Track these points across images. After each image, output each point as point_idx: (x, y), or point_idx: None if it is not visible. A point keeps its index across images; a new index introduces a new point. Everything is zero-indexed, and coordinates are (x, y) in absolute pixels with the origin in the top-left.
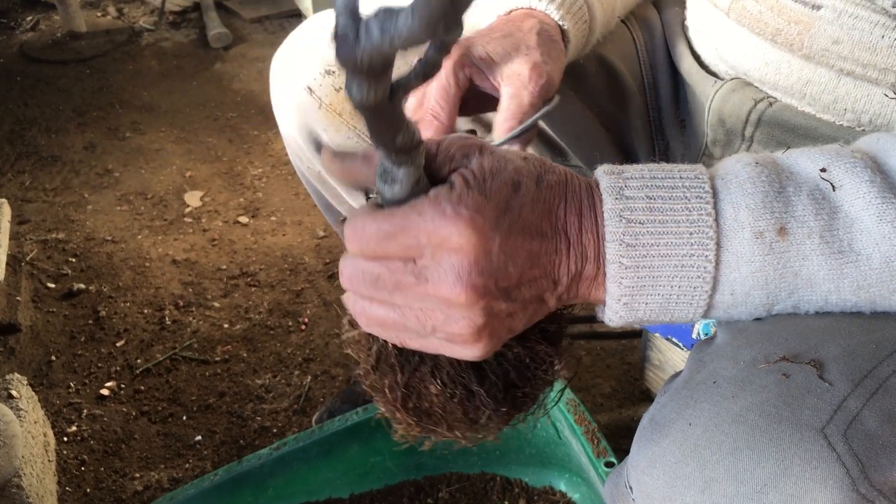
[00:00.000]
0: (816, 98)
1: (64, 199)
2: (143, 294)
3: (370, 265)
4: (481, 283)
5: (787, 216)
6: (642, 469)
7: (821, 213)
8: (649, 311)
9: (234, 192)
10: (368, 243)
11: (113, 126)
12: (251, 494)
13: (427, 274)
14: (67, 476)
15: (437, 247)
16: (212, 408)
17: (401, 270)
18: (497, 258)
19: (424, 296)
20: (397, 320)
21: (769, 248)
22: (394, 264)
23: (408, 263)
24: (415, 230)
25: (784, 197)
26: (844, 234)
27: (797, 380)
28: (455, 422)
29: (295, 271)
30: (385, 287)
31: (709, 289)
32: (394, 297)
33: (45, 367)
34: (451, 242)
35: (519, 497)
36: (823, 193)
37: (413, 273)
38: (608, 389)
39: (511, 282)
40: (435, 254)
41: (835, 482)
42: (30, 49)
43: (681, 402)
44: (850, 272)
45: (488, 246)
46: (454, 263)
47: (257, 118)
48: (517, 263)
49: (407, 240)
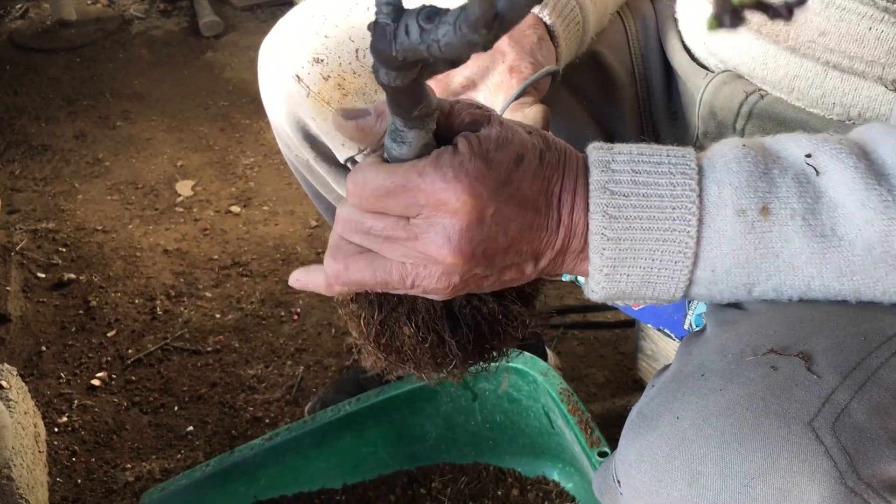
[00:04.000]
0: (805, 92)
1: (54, 189)
2: (135, 284)
3: (366, 216)
4: (469, 250)
5: (770, 196)
6: (630, 463)
7: (804, 196)
8: (631, 283)
9: (225, 182)
10: (368, 197)
11: (103, 115)
12: (243, 485)
13: (418, 232)
14: (58, 467)
15: (434, 208)
16: (203, 398)
17: (393, 226)
18: (489, 227)
19: (412, 251)
20: (377, 270)
21: (751, 226)
22: (388, 219)
23: (401, 220)
24: (414, 190)
25: (769, 178)
26: (827, 219)
27: (785, 372)
28: (422, 363)
29: (287, 261)
30: (375, 238)
31: (689, 264)
32: (381, 248)
33: (36, 358)
34: (447, 206)
35: (512, 487)
36: (808, 177)
37: (405, 229)
38: (601, 379)
39: (497, 250)
40: (430, 214)
41: (823, 475)
42: (19, 37)
43: (669, 395)
44: (833, 257)
45: (483, 214)
46: (446, 226)
47: (249, 107)
48: (507, 234)
49: (406, 199)
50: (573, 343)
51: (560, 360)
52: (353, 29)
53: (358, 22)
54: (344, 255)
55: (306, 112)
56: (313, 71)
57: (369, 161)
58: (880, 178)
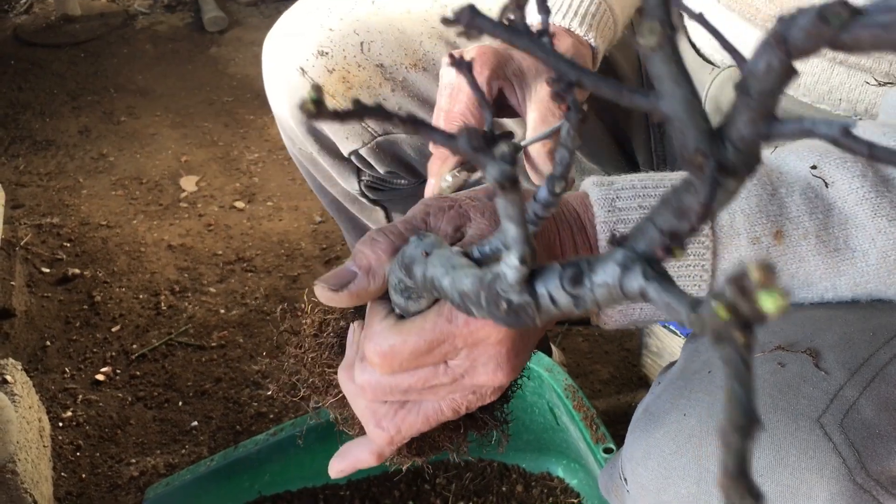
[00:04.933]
0: (811, 88)
1: (58, 184)
2: (139, 279)
3: (398, 378)
4: (517, 361)
5: (782, 218)
6: (637, 461)
7: (815, 213)
8: (644, 315)
9: (230, 177)
10: (402, 364)
11: (108, 110)
12: (248, 480)
13: (462, 371)
14: (62, 462)
15: (474, 346)
16: (208, 393)
17: (433, 376)
18: (526, 331)
19: (458, 387)
20: (430, 418)
21: (766, 252)
22: (424, 371)
23: (440, 366)
24: (451, 339)
25: (777, 199)
26: (840, 232)
27: (793, 369)
28: (460, 445)
29: (291, 257)
30: (415, 392)
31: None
32: (424, 396)
33: (40, 353)
34: (489, 340)
35: (516, 483)
36: (816, 191)
37: (446, 374)
38: (606, 375)
39: (534, 339)
40: (471, 352)
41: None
42: (23, 33)
43: (675, 392)
44: (847, 269)
45: None
46: (492, 355)
47: (253, 102)
48: None
49: (443, 349)
50: (578, 339)
51: (565, 357)
52: (357, 22)
53: (363, 15)
54: (389, 419)
55: None
56: (318, 64)
57: (383, 326)
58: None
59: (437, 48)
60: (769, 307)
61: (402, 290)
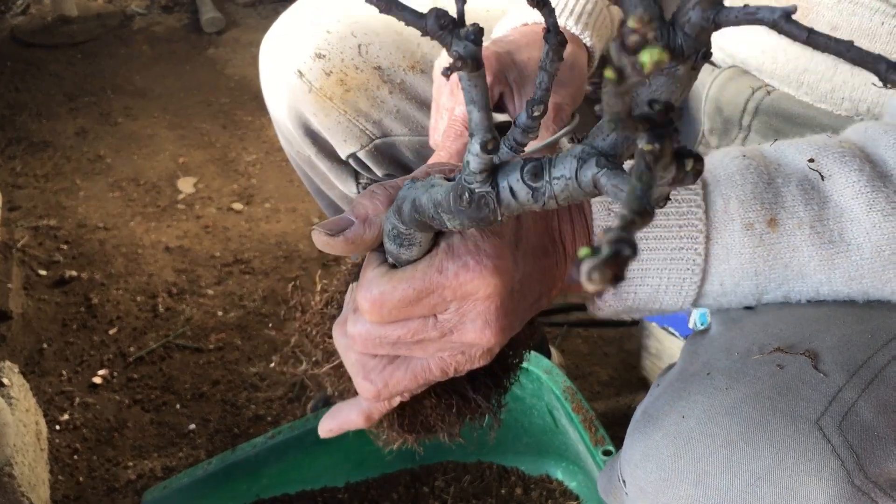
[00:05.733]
0: (814, 87)
1: (55, 186)
2: (136, 281)
3: (388, 328)
4: (507, 322)
5: (777, 207)
6: (635, 463)
7: (811, 203)
8: (638, 300)
9: (227, 179)
10: (391, 311)
11: (105, 111)
12: (245, 483)
13: (451, 325)
14: (60, 465)
15: (463, 299)
16: (205, 396)
17: (422, 328)
18: (517, 293)
19: (447, 344)
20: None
21: (759, 239)
22: (413, 323)
23: (428, 319)
24: (439, 289)
25: (773, 188)
26: (835, 224)
27: (791, 371)
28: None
29: (289, 258)
30: (404, 345)
31: (698, 280)
32: (412, 351)
33: (37, 355)
34: (478, 294)
35: (516, 485)
36: (812, 183)
37: (435, 327)
38: (606, 377)
39: (526, 306)
40: (460, 306)
41: (830, 474)
42: (20, 33)
43: (674, 394)
44: (842, 262)
45: (511, 286)
46: (481, 311)
47: (251, 104)
48: (533, 289)
49: (431, 300)
50: (577, 341)
51: (564, 358)
52: (355, 24)
53: (360, 17)
54: (377, 372)
55: (308, 107)
56: (315, 66)
57: (375, 273)
58: (884, 179)
59: (434, 50)
60: (646, 60)
61: (395, 236)
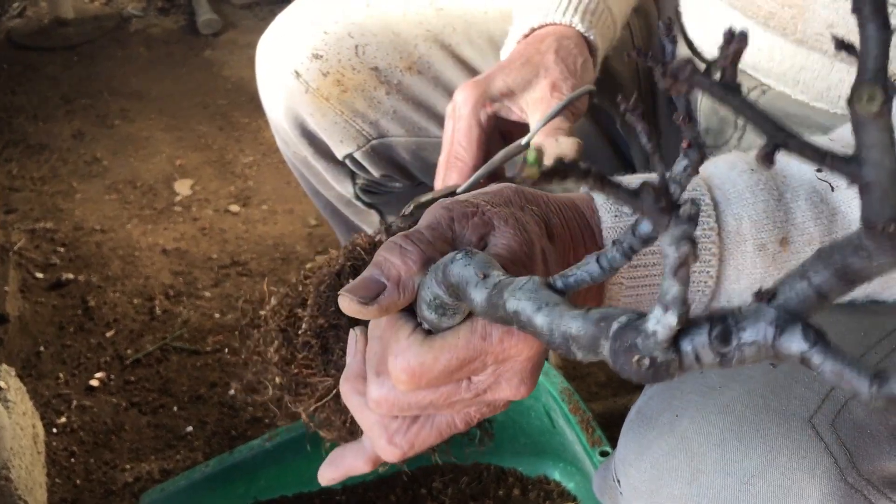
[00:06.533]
0: (810, 85)
1: (52, 188)
2: (133, 284)
3: (419, 395)
4: (538, 374)
5: (787, 224)
6: (630, 462)
7: (820, 218)
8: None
9: (224, 181)
10: (430, 382)
11: (101, 114)
12: (243, 486)
13: (485, 387)
14: (57, 468)
15: (502, 363)
16: (203, 398)
17: (455, 391)
18: None
19: (478, 401)
20: (443, 431)
21: (772, 259)
22: (448, 387)
23: (462, 382)
24: (482, 356)
25: (783, 205)
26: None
27: (784, 369)
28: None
29: (287, 260)
30: (433, 407)
31: (707, 300)
32: (440, 412)
33: (34, 358)
34: (521, 356)
35: (513, 487)
36: (821, 195)
37: (468, 390)
38: (603, 378)
39: None
40: (498, 368)
41: (823, 472)
42: (16, 36)
43: (668, 393)
44: None
45: None
46: (518, 370)
47: (248, 106)
48: None
49: (473, 367)
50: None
51: (561, 359)
52: (352, 25)
53: (357, 17)
54: (402, 434)
55: (305, 108)
56: (312, 67)
57: (411, 342)
58: None
59: (431, 51)
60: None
61: (437, 306)
